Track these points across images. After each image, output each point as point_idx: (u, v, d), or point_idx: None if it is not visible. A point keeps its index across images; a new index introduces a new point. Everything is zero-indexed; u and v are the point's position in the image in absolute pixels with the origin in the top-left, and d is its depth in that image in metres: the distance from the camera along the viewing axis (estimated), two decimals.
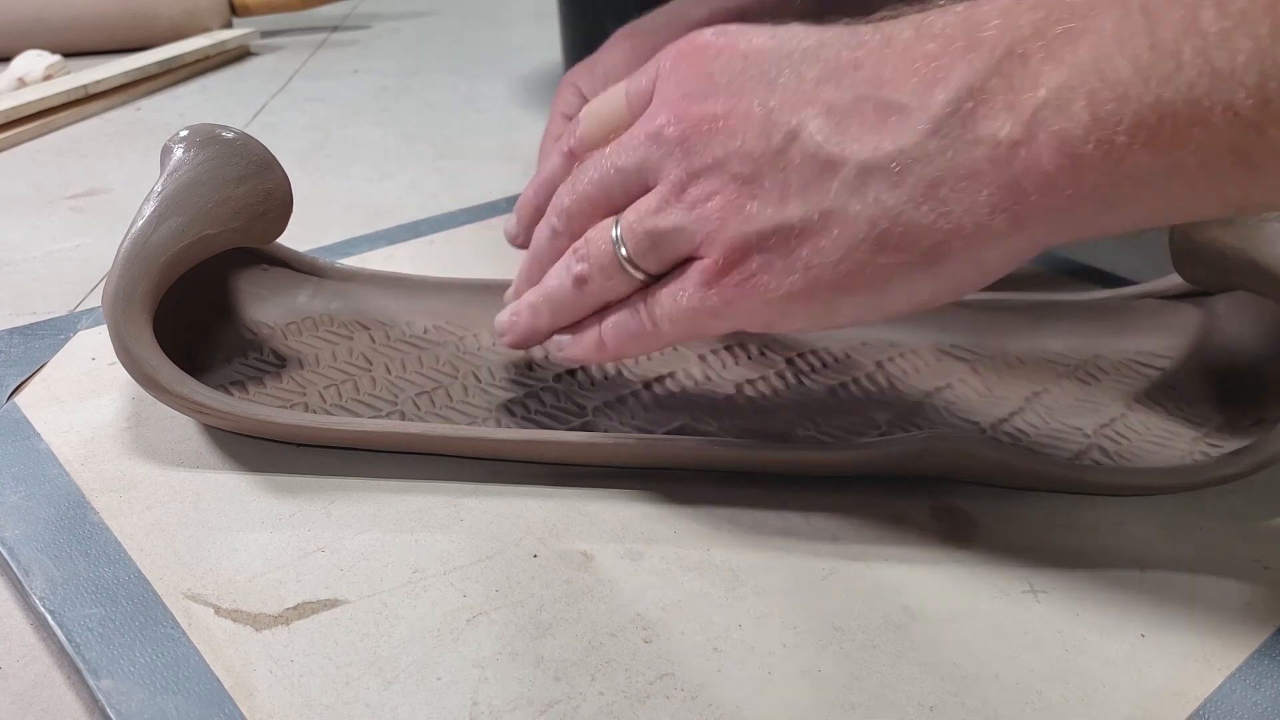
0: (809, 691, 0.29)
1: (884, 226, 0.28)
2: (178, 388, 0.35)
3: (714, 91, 0.30)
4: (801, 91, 0.29)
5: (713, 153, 0.30)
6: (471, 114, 0.75)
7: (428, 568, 0.33)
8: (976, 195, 0.26)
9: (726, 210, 0.30)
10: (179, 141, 0.39)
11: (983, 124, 0.26)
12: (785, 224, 0.29)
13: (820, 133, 0.28)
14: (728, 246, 0.30)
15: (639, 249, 0.32)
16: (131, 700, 0.27)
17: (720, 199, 0.30)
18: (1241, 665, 0.29)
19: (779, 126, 0.29)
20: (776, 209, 0.29)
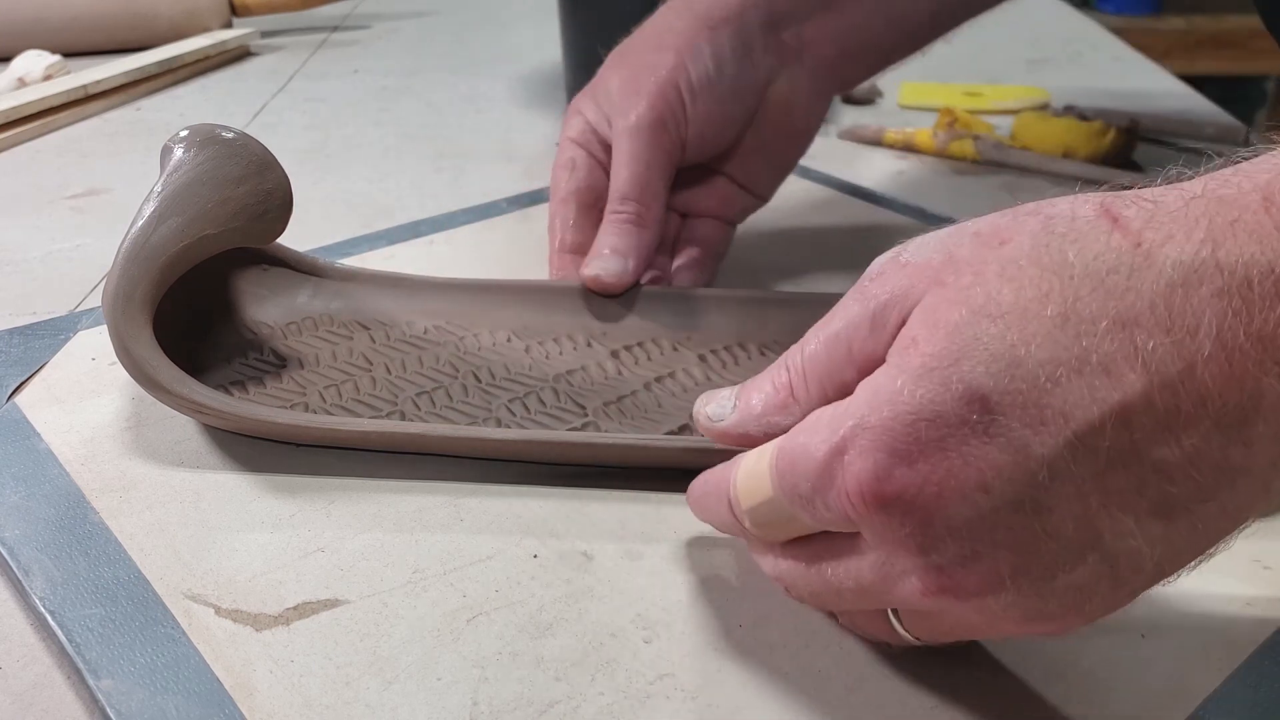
0: (809, 691, 0.29)
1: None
2: (178, 388, 0.35)
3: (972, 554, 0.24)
4: (1086, 503, 0.23)
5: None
6: (471, 114, 0.75)
7: (428, 568, 0.32)
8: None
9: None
10: (179, 141, 0.39)
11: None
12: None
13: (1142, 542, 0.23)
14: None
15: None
16: (131, 700, 0.27)
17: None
18: (1241, 665, 0.29)
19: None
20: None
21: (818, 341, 0.27)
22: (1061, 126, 0.65)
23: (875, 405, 0.24)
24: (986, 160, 0.66)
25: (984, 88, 0.78)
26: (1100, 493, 0.23)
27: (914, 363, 0.24)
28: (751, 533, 0.28)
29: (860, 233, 0.56)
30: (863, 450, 0.24)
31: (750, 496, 0.27)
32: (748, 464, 0.28)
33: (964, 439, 0.23)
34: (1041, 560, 0.23)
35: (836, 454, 0.24)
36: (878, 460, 0.23)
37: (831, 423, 0.25)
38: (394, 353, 0.42)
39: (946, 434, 0.23)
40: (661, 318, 0.45)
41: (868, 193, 0.61)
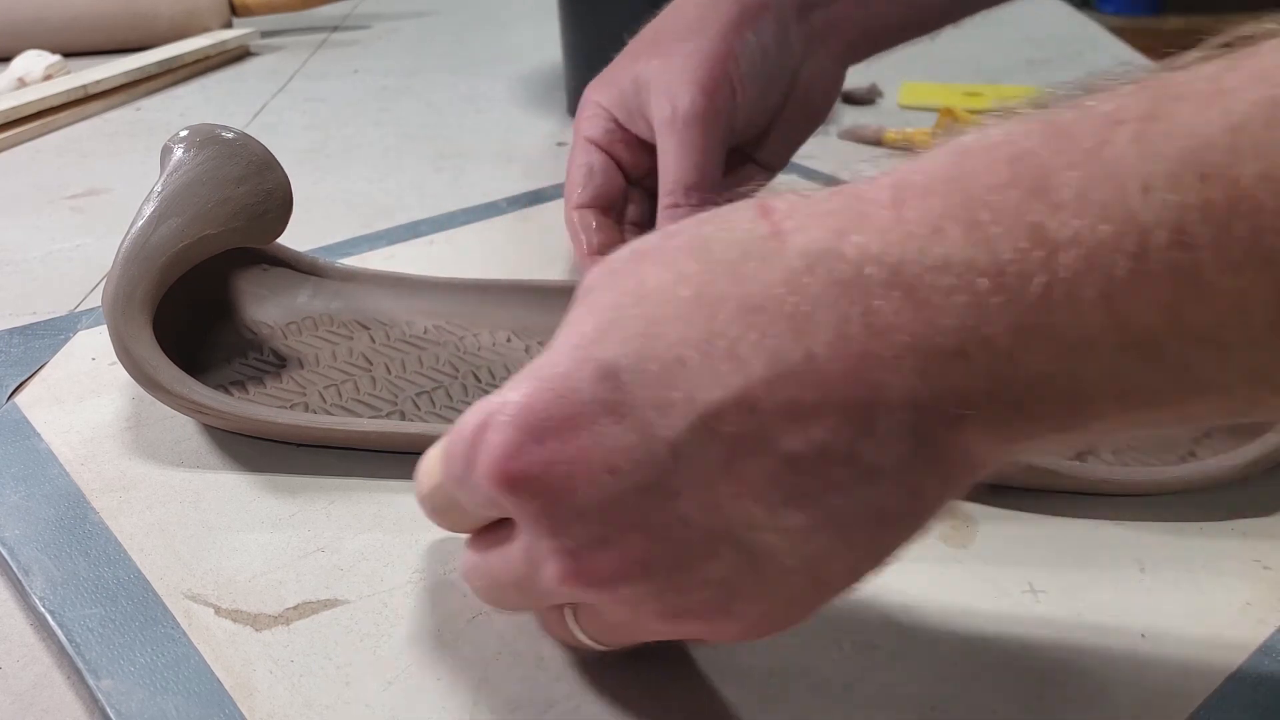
0: (809, 691, 0.29)
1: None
2: (178, 388, 0.35)
3: (602, 530, 0.23)
4: (715, 490, 0.23)
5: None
6: (471, 114, 0.75)
7: (428, 568, 0.32)
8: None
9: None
10: (179, 141, 0.39)
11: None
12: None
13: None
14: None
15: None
16: (131, 700, 0.27)
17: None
18: (1241, 665, 0.29)
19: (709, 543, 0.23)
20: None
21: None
22: None
23: (518, 382, 0.24)
24: None
25: (984, 88, 0.78)
26: (729, 480, 0.22)
27: (560, 342, 0.24)
28: (437, 524, 0.28)
29: None
30: (499, 426, 0.23)
31: (425, 480, 0.27)
32: (431, 451, 0.27)
33: (594, 418, 0.22)
34: (674, 548, 0.23)
35: (480, 431, 0.24)
36: (509, 437, 0.23)
37: (479, 405, 0.24)
38: (394, 353, 0.42)
39: (579, 412, 0.23)
40: None
41: None
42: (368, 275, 0.45)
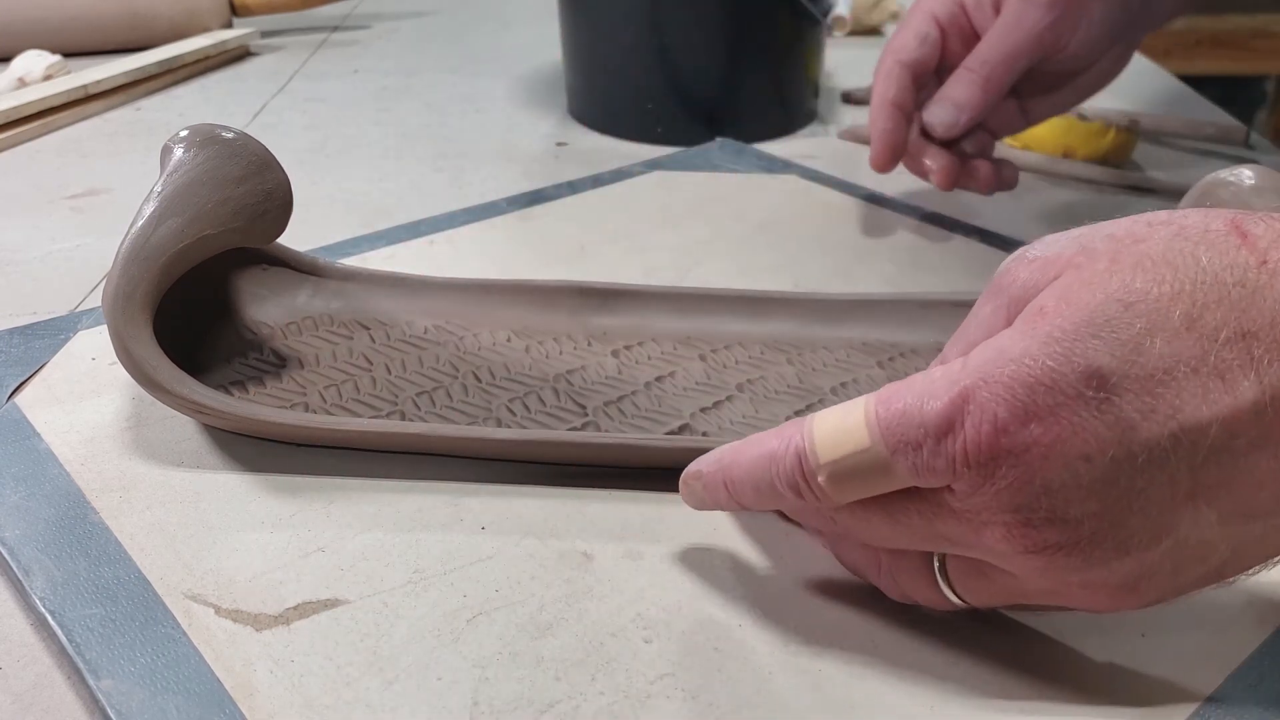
0: (809, 691, 0.29)
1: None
2: (178, 388, 0.35)
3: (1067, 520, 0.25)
4: (1175, 490, 0.24)
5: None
6: (471, 114, 0.75)
7: (428, 568, 0.33)
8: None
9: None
10: (179, 141, 0.39)
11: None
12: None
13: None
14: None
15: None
16: (131, 700, 0.27)
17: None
18: (1241, 665, 0.29)
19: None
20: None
21: (958, 352, 0.28)
22: (1061, 126, 0.65)
23: (1000, 364, 0.25)
24: None
25: None
26: (1191, 484, 0.24)
27: (1041, 330, 0.25)
28: (817, 490, 0.27)
29: (860, 232, 0.56)
30: (984, 404, 0.25)
31: (836, 449, 0.27)
32: (830, 421, 0.27)
33: (1076, 410, 0.24)
34: (1120, 534, 0.25)
35: (957, 405, 0.25)
36: (998, 414, 0.24)
37: (949, 376, 0.25)
38: (394, 353, 0.42)
39: (1061, 403, 0.24)
40: (661, 318, 0.45)
41: (868, 193, 0.61)
42: (368, 275, 0.45)
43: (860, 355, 0.43)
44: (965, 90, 0.51)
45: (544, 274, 0.49)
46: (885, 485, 0.27)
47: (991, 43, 0.51)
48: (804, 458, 0.28)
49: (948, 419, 0.25)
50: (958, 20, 0.53)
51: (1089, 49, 0.51)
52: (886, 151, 0.53)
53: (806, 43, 0.69)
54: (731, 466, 0.30)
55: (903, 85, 0.52)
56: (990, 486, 0.25)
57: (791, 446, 0.28)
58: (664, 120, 0.68)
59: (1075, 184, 0.63)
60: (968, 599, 0.28)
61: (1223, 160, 0.67)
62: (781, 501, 0.29)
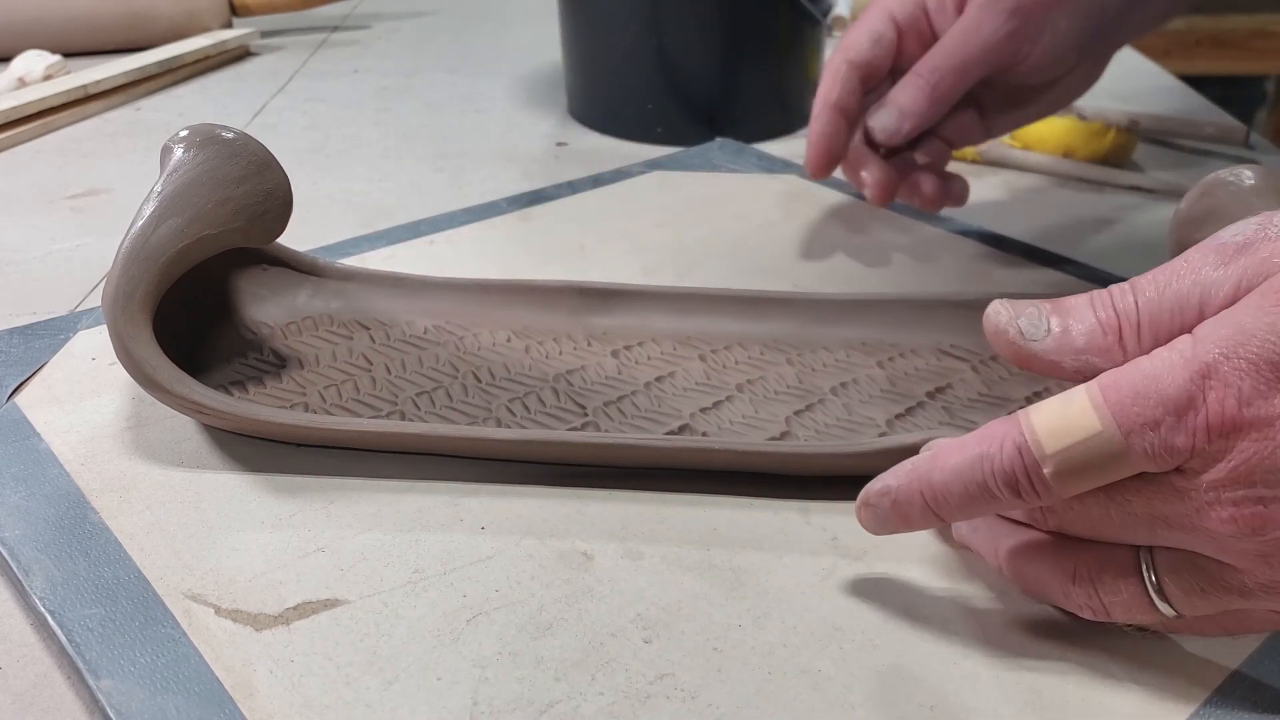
0: (809, 691, 0.29)
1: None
2: (178, 388, 0.35)
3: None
4: None
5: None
6: (471, 114, 0.75)
7: (428, 568, 0.33)
8: None
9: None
10: (179, 141, 0.39)
11: None
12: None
13: None
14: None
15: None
16: (131, 700, 0.27)
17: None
18: (1241, 665, 0.29)
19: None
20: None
21: (1160, 293, 0.27)
22: (1061, 126, 0.65)
23: (1242, 339, 0.24)
24: (986, 160, 0.66)
25: None
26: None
27: (1270, 300, 0.24)
28: (1040, 485, 0.26)
29: (860, 233, 0.56)
30: (1227, 378, 0.24)
31: (1063, 436, 0.26)
32: (1051, 411, 0.26)
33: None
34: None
35: (1198, 380, 0.25)
36: (1242, 388, 0.24)
37: (1182, 354, 0.25)
38: (394, 353, 0.42)
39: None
40: (661, 318, 0.45)
41: None
42: (368, 275, 0.45)
43: (860, 355, 0.43)
44: (911, 96, 0.48)
45: (544, 274, 0.49)
46: (1116, 472, 0.26)
47: (945, 48, 0.48)
48: (1025, 451, 0.26)
49: (1188, 394, 0.25)
50: (918, 21, 0.50)
51: (1052, 62, 0.48)
52: (821, 156, 0.50)
53: (806, 43, 0.69)
54: (931, 474, 0.28)
55: (848, 87, 0.50)
56: (1227, 462, 0.25)
57: (1008, 442, 0.27)
58: (664, 120, 0.68)
59: (1075, 184, 0.63)
60: (1178, 605, 0.27)
61: (1223, 160, 0.67)
62: (995, 505, 0.28)
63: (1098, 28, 0.49)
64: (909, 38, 0.50)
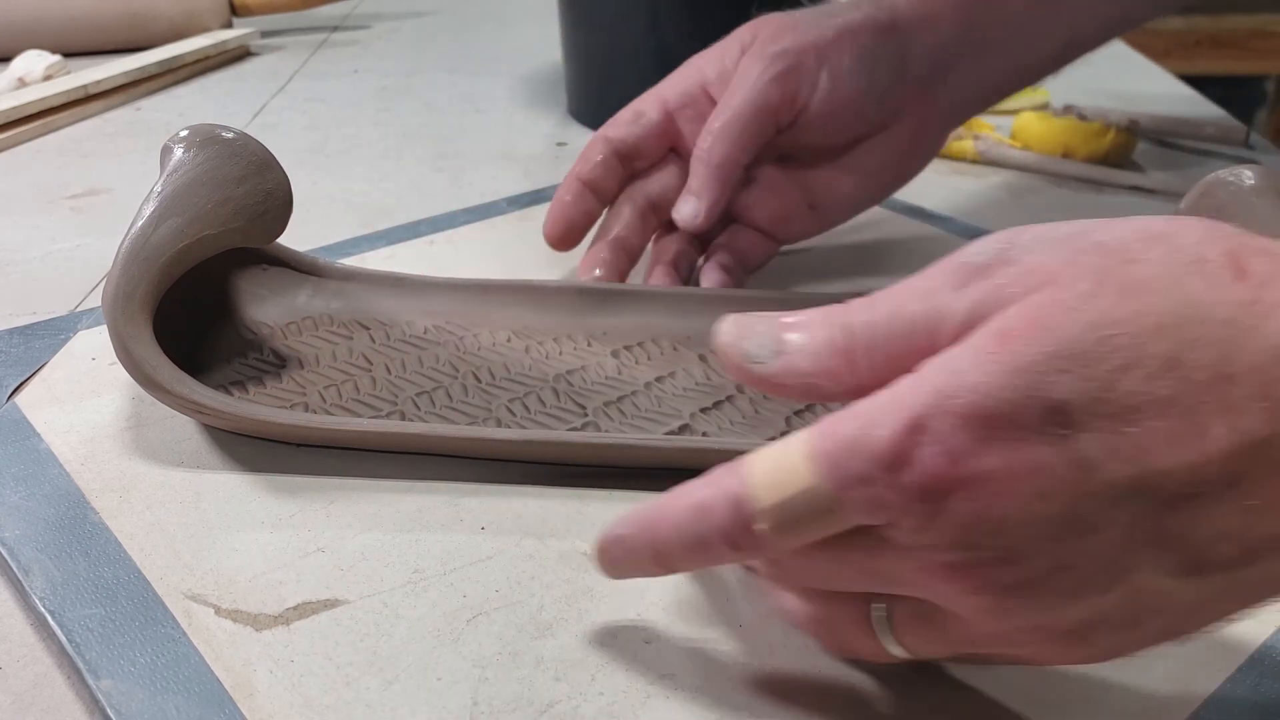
0: (809, 691, 0.29)
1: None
2: (178, 388, 0.35)
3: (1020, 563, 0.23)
4: (1133, 536, 0.23)
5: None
6: (471, 114, 0.75)
7: (428, 568, 0.32)
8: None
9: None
10: (179, 141, 0.39)
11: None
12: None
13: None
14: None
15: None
16: (131, 700, 0.27)
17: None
18: (1242, 665, 0.29)
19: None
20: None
21: (890, 318, 0.26)
22: (1061, 126, 0.65)
23: (956, 390, 0.23)
24: (986, 160, 0.66)
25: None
26: (1151, 530, 0.22)
27: (1006, 358, 0.22)
28: (760, 539, 0.25)
29: (859, 232, 0.56)
30: (938, 434, 0.23)
31: (777, 491, 0.24)
32: (765, 460, 0.25)
33: (1035, 446, 0.22)
34: (1073, 577, 0.23)
35: (910, 433, 0.23)
36: (953, 446, 0.22)
37: (897, 400, 0.23)
38: (394, 353, 0.42)
39: (1021, 437, 0.22)
40: (661, 318, 0.45)
41: None
42: (368, 275, 0.45)
43: None
44: (695, 176, 0.45)
45: (544, 274, 0.49)
46: (830, 526, 0.24)
47: (716, 112, 0.45)
48: (741, 505, 0.25)
49: (900, 449, 0.23)
50: (694, 100, 0.47)
51: (847, 109, 0.45)
52: (557, 224, 0.48)
53: None
54: (657, 525, 0.26)
55: (595, 161, 0.47)
56: (941, 521, 0.23)
57: (725, 493, 0.25)
58: None
59: (1075, 184, 0.63)
60: (911, 648, 0.26)
61: (1223, 160, 0.67)
62: (717, 558, 0.26)
63: (900, 74, 0.46)
64: (684, 118, 0.47)
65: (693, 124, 0.47)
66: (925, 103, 0.47)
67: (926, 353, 0.24)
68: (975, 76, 0.48)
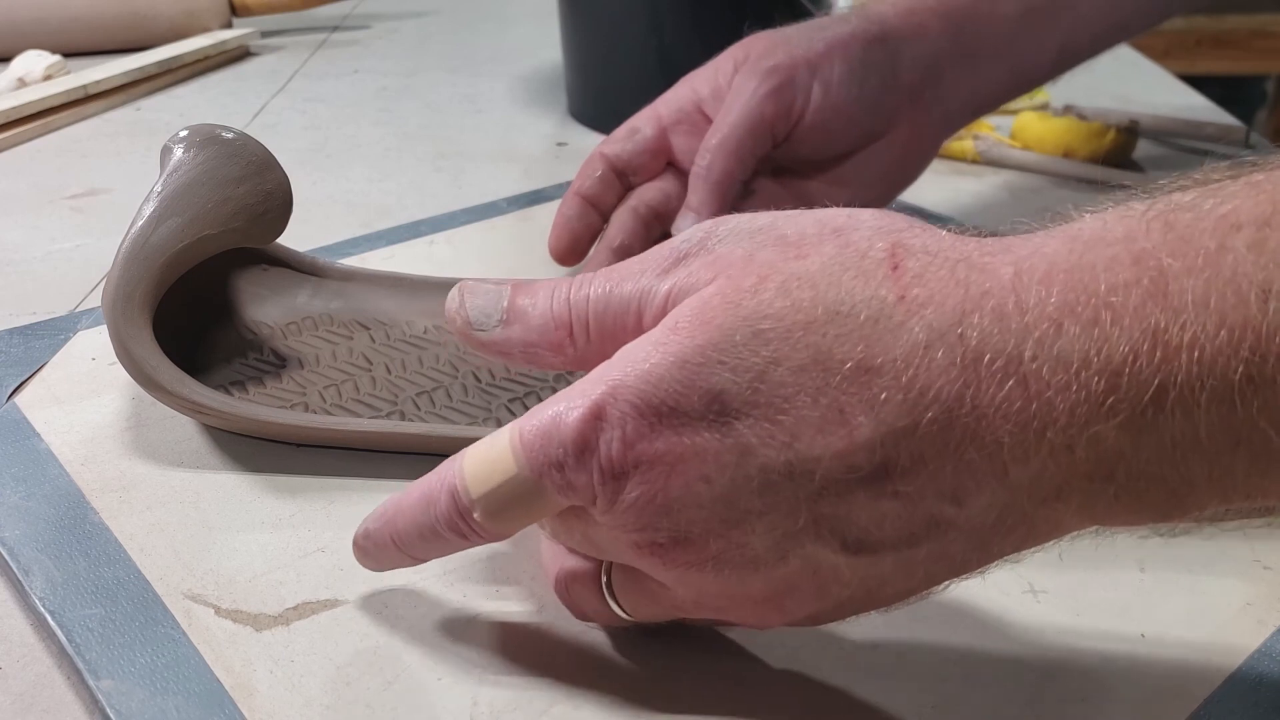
0: (809, 691, 0.29)
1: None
2: (178, 388, 0.35)
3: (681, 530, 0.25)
4: (795, 518, 0.24)
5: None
6: (471, 114, 0.75)
7: (428, 568, 0.32)
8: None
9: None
10: (179, 141, 0.39)
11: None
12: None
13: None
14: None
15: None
16: (131, 700, 0.27)
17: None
18: (1241, 665, 0.29)
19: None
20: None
21: (608, 295, 0.27)
22: (1061, 126, 0.65)
23: (627, 379, 0.24)
24: (986, 160, 0.66)
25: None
26: (810, 513, 0.24)
27: (672, 349, 0.24)
28: (477, 527, 0.27)
29: None
30: (614, 420, 0.24)
31: (486, 481, 0.26)
32: (477, 452, 0.27)
33: (698, 431, 0.24)
34: (746, 553, 0.25)
35: (592, 419, 0.25)
36: (626, 431, 0.24)
37: (584, 389, 0.25)
38: (394, 353, 0.42)
39: (685, 423, 0.24)
40: None
41: None
42: (368, 275, 0.45)
43: None
44: (695, 192, 0.46)
45: (544, 274, 0.49)
46: (541, 510, 0.26)
47: (712, 129, 0.46)
48: (457, 495, 0.27)
49: (584, 435, 0.25)
50: (688, 116, 0.48)
51: (840, 119, 0.46)
52: (561, 239, 0.48)
53: None
54: (396, 519, 0.28)
55: (593, 177, 0.48)
56: (621, 503, 0.25)
57: (445, 485, 0.27)
58: None
59: (1075, 184, 0.63)
60: (631, 611, 0.28)
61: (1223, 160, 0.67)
62: (450, 545, 0.28)
63: (891, 83, 0.46)
64: (678, 133, 0.48)
65: (686, 139, 0.48)
66: (917, 111, 0.48)
67: (636, 332, 0.26)
68: (968, 85, 0.48)
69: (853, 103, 0.46)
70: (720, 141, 0.45)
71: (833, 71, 0.45)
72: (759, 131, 0.45)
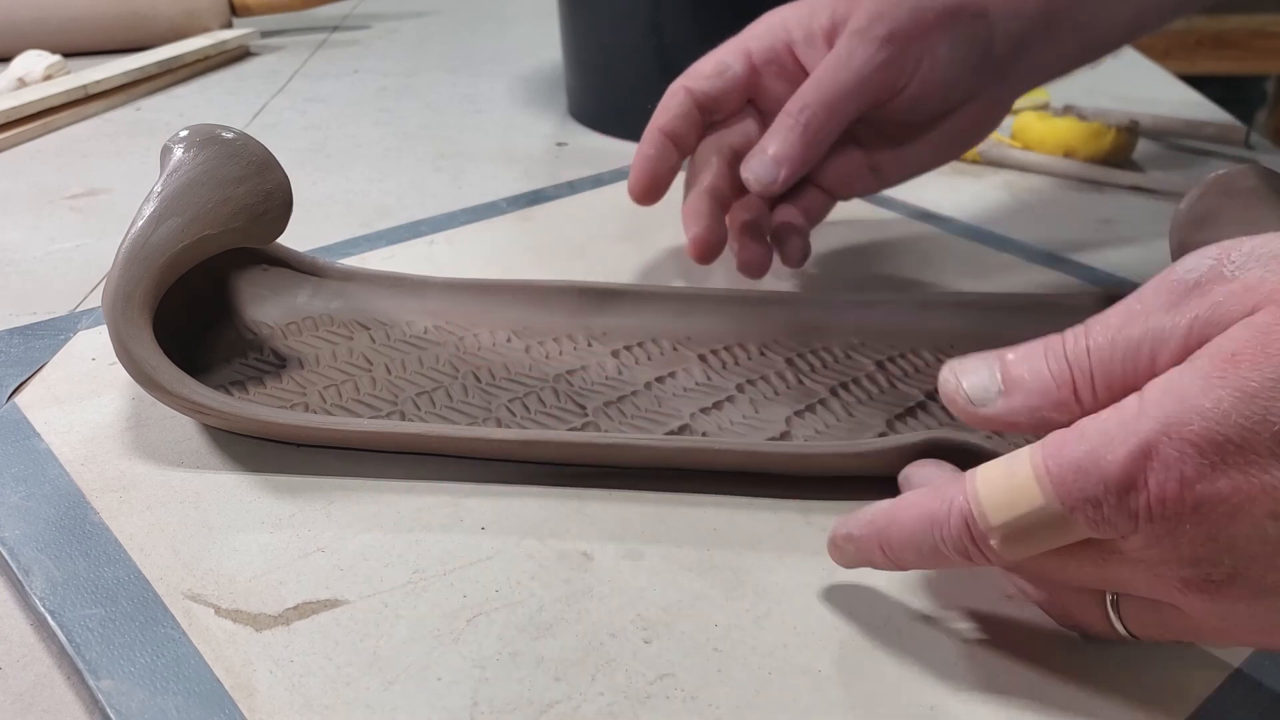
0: (809, 691, 0.29)
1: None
2: (177, 388, 0.35)
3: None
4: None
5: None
6: (471, 114, 0.75)
7: (428, 568, 0.33)
8: None
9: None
10: (179, 141, 0.39)
11: None
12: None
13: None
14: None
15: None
16: (131, 700, 0.27)
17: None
18: (1241, 665, 0.29)
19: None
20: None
21: (1112, 344, 0.26)
22: (1061, 126, 0.65)
23: (1187, 416, 0.23)
24: (987, 160, 0.66)
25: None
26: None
27: (1234, 382, 0.23)
28: (989, 553, 0.27)
29: (860, 232, 0.56)
30: (1169, 461, 0.24)
31: (1007, 510, 0.26)
32: (995, 479, 0.26)
33: (1266, 468, 0.23)
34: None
35: (1140, 458, 0.24)
36: (1184, 472, 0.23)
37: (1125, 425, 0.24)
38: (394, 353, 0.42)
39: (1252, 460, 0.23)
40: (661, 318, 0.45)
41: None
42: (368, 275, 0.45)
43: (860, 355, 0.43)
44: (782, 139, 0.44)
45: (544, 274, 0.49)
46: (1061, 539, 0.26)
47: (814, 83, 0.44)
48: (972, 521, 0.26)
49: (1129, 474, 0.24)
50: (780, 57, 0.47)
51: (936, 93, 0.46)
52: (643, 179, 0.47)
53: None
54: (888, 529, 0.28)
55: (677, 113, 0.47)
56: (1171, 541, 0.24)
57: (955, 509, 0.27)
58: None
59: (1075, 184, 0.63)
60: (1136, 632, 0.28)
61: (1223, 160, 0.67)
62: (947, 563, 0.28)
63: (987, 59, 0.46)
64: (768, 74, 0.47)
65: (777, 82, 0.47)
66: (999, 84, 0.48)
67: (1148, 374, 0.25)
68: (1047, 58, 0.49)
69: (951, 81, 0.46)
70: (825, 100, 0.44)
71: (940, 48, 0.45)
72: (864, 99, 0.45)
